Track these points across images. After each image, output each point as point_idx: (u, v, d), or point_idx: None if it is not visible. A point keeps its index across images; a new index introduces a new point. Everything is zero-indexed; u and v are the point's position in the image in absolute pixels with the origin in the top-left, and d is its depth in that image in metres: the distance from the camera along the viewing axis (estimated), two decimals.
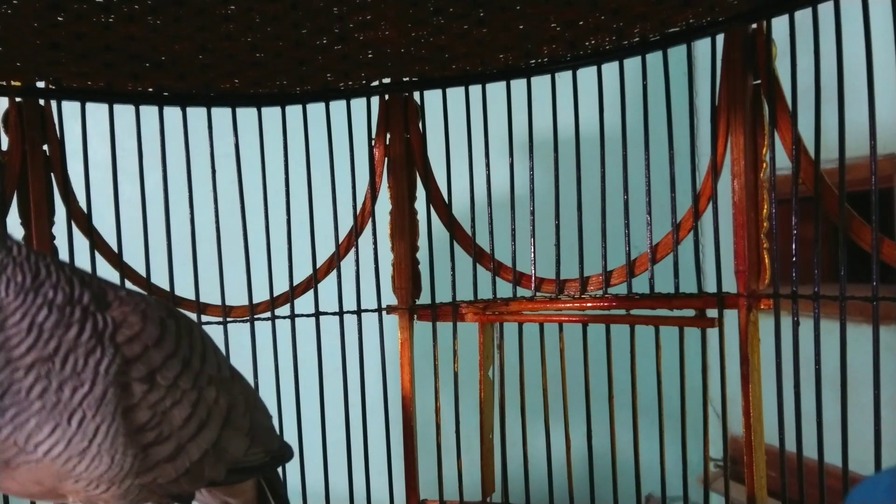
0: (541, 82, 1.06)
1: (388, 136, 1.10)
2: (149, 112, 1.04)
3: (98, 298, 0.57)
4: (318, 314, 1.12)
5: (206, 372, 0.65)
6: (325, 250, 1.12)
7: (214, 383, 0.66)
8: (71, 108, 1.01)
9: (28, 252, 0.55)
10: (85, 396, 0.54)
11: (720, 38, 0.94)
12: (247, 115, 1.08)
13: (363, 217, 1.12)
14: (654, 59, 0.99)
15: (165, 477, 0.61)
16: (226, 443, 0.67)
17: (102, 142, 1.02)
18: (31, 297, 0.53)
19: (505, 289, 1.11)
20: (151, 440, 0.59)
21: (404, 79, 1.09)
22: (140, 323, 0.59)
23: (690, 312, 1.00)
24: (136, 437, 0.57)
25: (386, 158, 1.11)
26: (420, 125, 1.11)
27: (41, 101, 0.99)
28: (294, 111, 1.10)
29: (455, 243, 1.11)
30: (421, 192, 1.12)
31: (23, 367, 0.52)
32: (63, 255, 1.01)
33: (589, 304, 1.06)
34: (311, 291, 1.12)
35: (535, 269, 1.09)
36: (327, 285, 1.12)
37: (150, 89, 1.04)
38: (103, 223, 1.04)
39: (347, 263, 1.11)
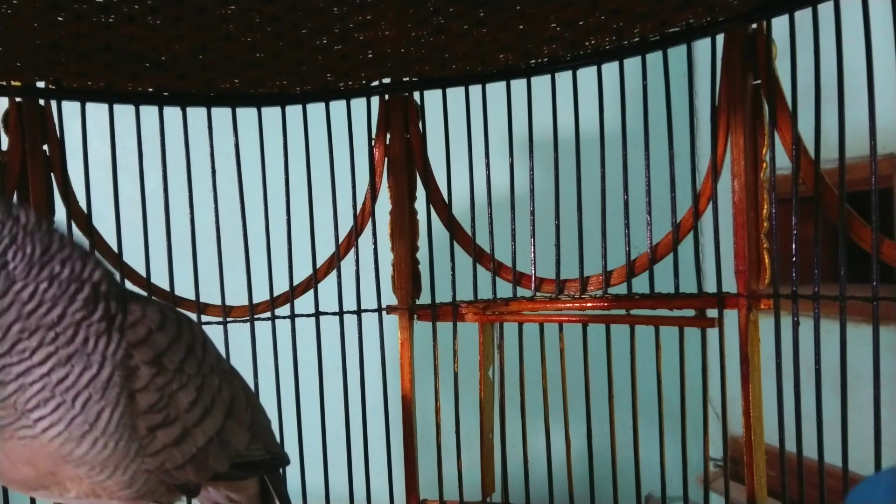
0: (541, 82, 1.06)
1: (388, 136, 1.10)
2: (149, 112, 1.04)
3: (112, 281, 0.58)
4: (318, 314, 1.12)
5: (208, 361, 0.66)
6: (325, 250, 1.12)
7: (216, 373, 0.67)
8: (71, 108, 1.00)
9: (39, 221, 0.55)
10: (92, 379, 0.55)
11: (720, 38, 0.94)
12: (247, 115, 1.08)
13: (363, 217, 1.12)
14: (654, 59, 0.99)
15: (172, 462, 0.61)
16: (229, 433, 0.67)
17: (102, 142, 1.02)
18: (36, 270, 0.54)
19: (505, 289, 1.11)
20: (158, 422, 0.59)
21: (404, 79, 1.09)
22: (141, 310, 0.60)
23: (690, 312, 1.00)
24: (144, 418, 0.58)
25: (386, 158, 1.11)
26: (420, 125, 1.11)
27: (41, 101, 0.99)
28: (294, 111, 1.10)
29: (455, 243, 1.11)
30: (421, 192, 1.12)
31: (28, 330, 0.53)
32: None
33: (589, 304, 1.06)
34: (311, 291, 1.12)
35: (535, 269, 1.09)
36: (327, 285, 1.12)
37: (150, 89, 1.04)
38: (103, 223, 1.04)
39: (347, 263, 1.11)
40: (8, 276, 0.53)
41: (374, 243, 1.11)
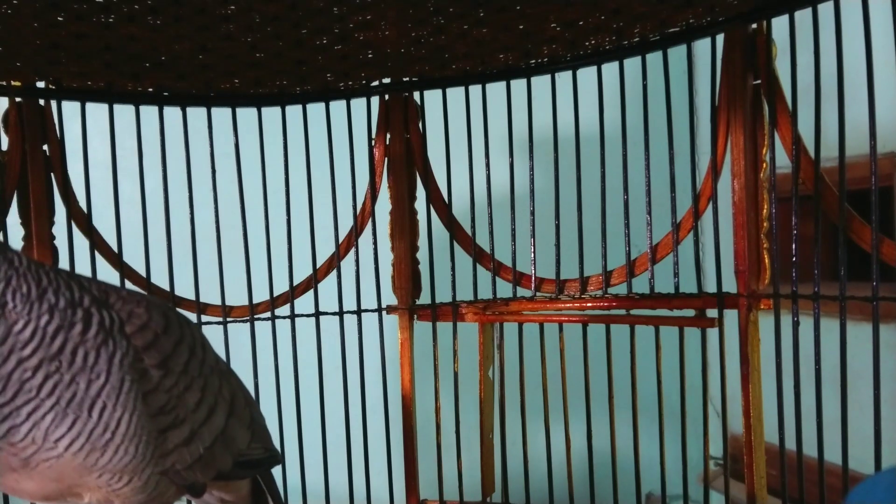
0: (541, 82, 1.06)
1: (388, 136, 1.10)
2: (149, 112, 1.04)
3: (99, 300, 0.59)
4: (318, 314, 1.12)
5: (208, 362, 0.68)
6: (325, 250, 1.12)
7: (216, 373, 0.69)
8: (71, 108, 1.00)
9: (28, 262, 0.57)
10: (102, 388, 0.56)
11: (720, 37, 0.94)
12: (247, 115, 1.08)
13: (363, 217, 1.12)
14: (654, 59, 0.99)
15: (182, 462, 0.63)
16: (232, 432, 0.69)
17: (102, 142, 1.02)
18: (37, 306, 0.55)
19: (505, 289, 1.11)
20: (169, 424, 0.61)
21: (404, 79, 1.09)
22: (146, 314, 0.61)
23: (690, 312, 1.00)
24: (155, 420, 0.59)
25: (386, 158, 1.11)
26: (420, 125, 1.11)
27: (41, 101, 0.99)
28: (294, 111, 1.10)
29: (455, 243, 1.11)
30: (421, 192, 1.12)
31: (30, 368, 0.54)
32: (63, 255, 1.01)
33: (589, 304, 1.06)
34: (311, 291, 1.12)
35: (535, 269, 1.09)
36: (327, 285, 1.12)
37: (150, 89, 1.04)
38: (103, 223, 1.04)
39: (347, 263, 1.11)
40: (7, 319, 0.54)
41: (374, 243, 1.11)
